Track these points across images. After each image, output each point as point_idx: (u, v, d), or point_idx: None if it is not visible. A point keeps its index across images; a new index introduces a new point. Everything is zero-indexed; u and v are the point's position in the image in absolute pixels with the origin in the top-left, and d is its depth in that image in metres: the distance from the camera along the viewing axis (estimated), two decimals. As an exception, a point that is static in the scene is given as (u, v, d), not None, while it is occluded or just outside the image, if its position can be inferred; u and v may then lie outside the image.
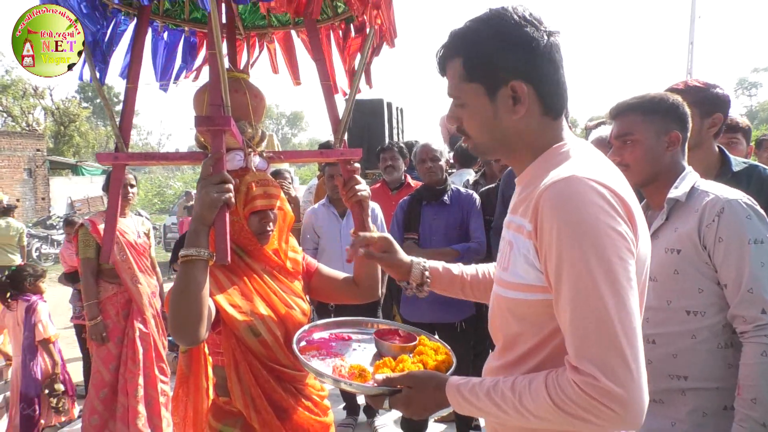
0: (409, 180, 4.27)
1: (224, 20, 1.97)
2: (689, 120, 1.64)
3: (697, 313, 1.51)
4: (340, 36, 2.10)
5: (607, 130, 2.53)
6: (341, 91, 2.07)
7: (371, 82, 2.02)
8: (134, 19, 1.92)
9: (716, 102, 1.91)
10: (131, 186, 3.74)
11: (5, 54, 28.05)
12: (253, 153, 1.75)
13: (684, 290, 1.53)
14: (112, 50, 1.90)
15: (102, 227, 3.29)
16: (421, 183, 3.63)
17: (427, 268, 1.48)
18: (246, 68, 2.07)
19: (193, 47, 2.23)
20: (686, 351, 1.52)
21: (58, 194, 19.81)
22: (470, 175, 4.38)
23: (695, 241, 1.50)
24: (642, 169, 1.63)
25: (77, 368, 4.63)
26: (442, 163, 3.48)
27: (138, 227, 3.85)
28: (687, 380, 1.52)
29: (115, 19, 1.90)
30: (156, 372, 3.63)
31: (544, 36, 1.06)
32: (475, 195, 3.48)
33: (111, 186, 1.92)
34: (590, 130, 3.36)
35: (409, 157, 4.46)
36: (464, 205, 3.40)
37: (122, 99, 1.84)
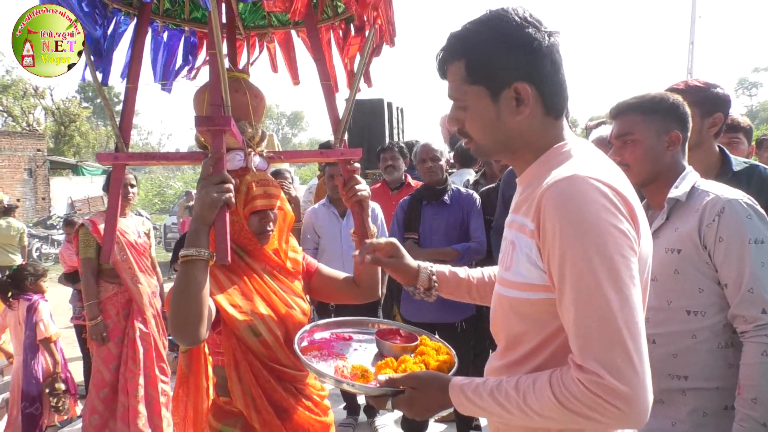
0: (410, 180, 4.28)
1: (224, 20, 1.97)
2: (689, 120, 1.64)
3: (698, 313, 1.51)
4: (340, 36, 2.10)
5: (608, 130, 2.53)
6: (341, 89, 2.07)
7: (370, 81, 2.02)
8: (134, 19, 1.92)
9: (717, 102, 1.91)
10: (131, 186, 3.74)
11: (6, 54, 28.10)
12: (253, 153, 1.75)
13: (684, 290, 1.53)
14: (113, 50, 1.90)
15: (102, 227, 3.29)
16: (422, 183, 3.63)
17: (435, 273, 1.47)
18: (246, 68, 2.07)
19: (194, 47, 2.22)
20: (686, 351, 1.52)
21: (59, 194, 19.82)
22: (470, 175, 4.38)
23: (695, 241, 1.50)
24: (642, 169, 1.63)
25: (77, 368, 4.63)
26: (443, 163, 3.49)
27: (138, 227, 3.85)
28: (687, 380, 1.52)
29: (116, 19, 1.90)
30: (156, 372, 3.64)
31: (546, 37, 1.06)
32: (476, 195, 3.48)
33: (111, 186, 1.92)
34: (590, 130, 3.36)
35: (410, 157, 4.46)
36: (464, 205, 3.40)
37: (122, 99, 1.85)
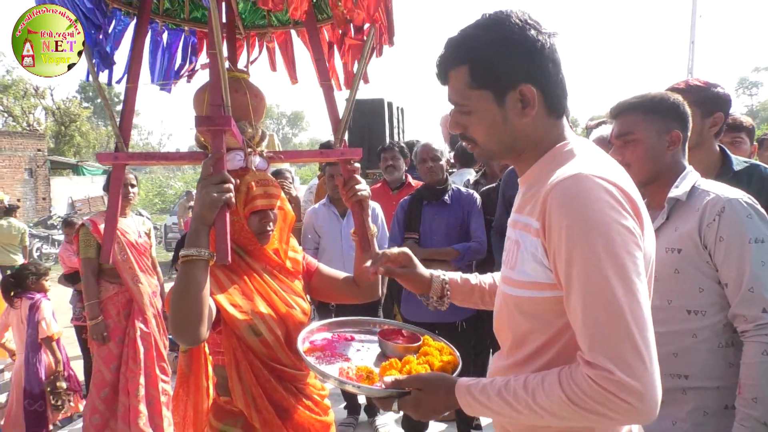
0: (410, 180, 4.28)
1: (224, 19, 1.97)
2: (690, 119, 1.64)
3: (698, 313, 1.51)
4: (341, 35, 2.10)
5: (608, 130, 2.53)
6: (341, 87, 2.07)
7: (367, 78, 2.02)
8: (134, 19, 1.92)
9: (717, 101, 1.90)
10: (132, 186, 3.74)
11: (6, 54, 28.13)
12: (253, 153, 1.75)
13: (684, 289, 1.53)
14: (115, 50, 1.90)
15: (103, 227, 3.30)
16: (422, 183, 3.63)
17: (447, 281, 1.47)
18: (246, 68, 2.07)
19: (193, 47, 2.22)
20: (687, 350, 1.52)
21: (59, 194, 19.84)
22: (471, 175, 4.39)
23: (696, 241, 1.50)
24: (643, 169, 1.63)
25: (78, 368, 4.63)
26: (443, 163, 3.48)
27: (139, 227, 3.85)
28: (688, 379, 1.52)
29: (116, 19, 1.90)
30: (157, 371, 3.64)
31: (546, 38, 1.07)
32: (476, 195, 3.48)
33: (111, 186, 1.92)
34: (591, 130, 3.36)
35: (410, 157, 4.46)
36: (465, 205, 3.40)
37: (122, 99, 1.85)
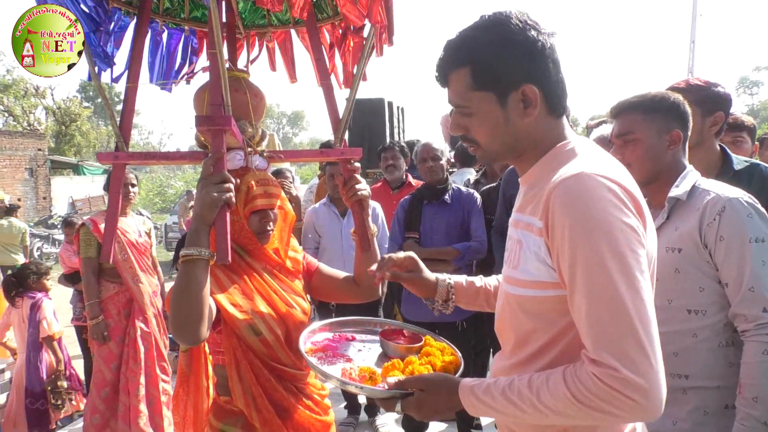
0: (410, 179, 4.27)
1: (224, 19, 1.97)
2: (690, 119, 1.64)
3: (698, 312, 1.51)
4: (340, 34, 2.10)
5: (609, 129, 2.52)
6: (342, 86, 2.07)
7: (365, 76, 2.01)
8: (134, 18, 1.92)
9: (717, 100, 1.90)
10: (132, 185, 3.75)
11: (6, 54, 28.13)
12: (254, 152, 1.75)
13: (685, 289, 1.53)
14: (115, 50, 1.90)
15: (103, 226, 3.30)
16: (422, 182, 3.63)
17: (453, 285, 1.47)
18: (246, 67, 2.07)
19: (193, 47, 2.22)
20: (687, 350, 1.52)
21: (60, 194, 19.85)
22: (471, 174, 4.39)
23: (696, 240, 1.50)
24: (643, 168, 1.63)
25: (78, 368, 4.63)
26: (443, 162, 3.48)
27: (139, 226, 3.85)
28: (688, 379, 1.52)
29: (115, 18, 1.90)
30: (157, 371, 3.64)
31: (546, 38, 1.07)
32: (476, 194, 3.48)
33: (111, 185, 1.92)
34: (591, 129, 3.36)
35: (410, 157, 4.46)
36: (465, 204, 3.40)
37: (123, 98, 1.85)
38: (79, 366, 4.62)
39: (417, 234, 3.38)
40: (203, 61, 2.24)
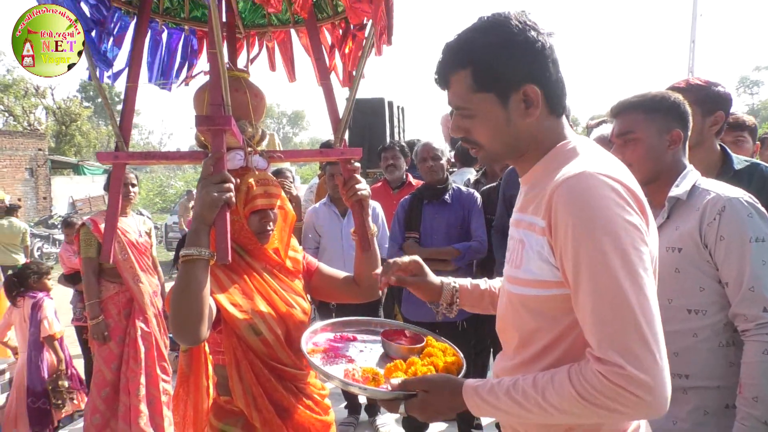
0: (411, 179, 4.27)
1: (224, 19, 1.97)
2: (690, 118, 1.64)
3: (699, 312, 1.51)
4: (340, 34, 2.10)
5: (609, 129, 2.52)
6: (341, 84, 2.07)
7: (363, 74, 2.01)
8: (134, 18, 1.92)
9: (718, 100, 1.90)
10: (132, 185, 3.75)
11: (6, 53, 28.14)
12: (254, 152, 1.75)
13: (685, 289, 1.53)
14: (116, 50, 1.90)
15: (103, 226, 3.30)
16: (423, 182, 3.63)
17: (457, 288, 1.46)
18: (246, 67, 2.07)
19: (193, 48, 2.22)
20: (687, 350, 1.52)
21: (60, 194, 19.85)
22: (471, 174, 4.38)
23: (696, 240, 1.50)
24: (643, 168, 1.62)
25: (79, 368, 4.64)
26: (443, 162, 3.48)
27: (139, 226, 3.86)
28: (688, 379, 1.52)
29: (116, 17, 1.90)
30: (158, 371, 3.64)
31: (546, 38, 1.08)
32: (477, 194, 3.48)
33: (111, 185, 1.92)
34: (592, 129, 3.36)
35: (411, 156, 4.46)
36: (465, 204, 3.40)
37: (123, 98, 1.85)
38: (80, 366, 4.62)
39: (417, 234, 3.38)
40: (203, 64, 2.24)
